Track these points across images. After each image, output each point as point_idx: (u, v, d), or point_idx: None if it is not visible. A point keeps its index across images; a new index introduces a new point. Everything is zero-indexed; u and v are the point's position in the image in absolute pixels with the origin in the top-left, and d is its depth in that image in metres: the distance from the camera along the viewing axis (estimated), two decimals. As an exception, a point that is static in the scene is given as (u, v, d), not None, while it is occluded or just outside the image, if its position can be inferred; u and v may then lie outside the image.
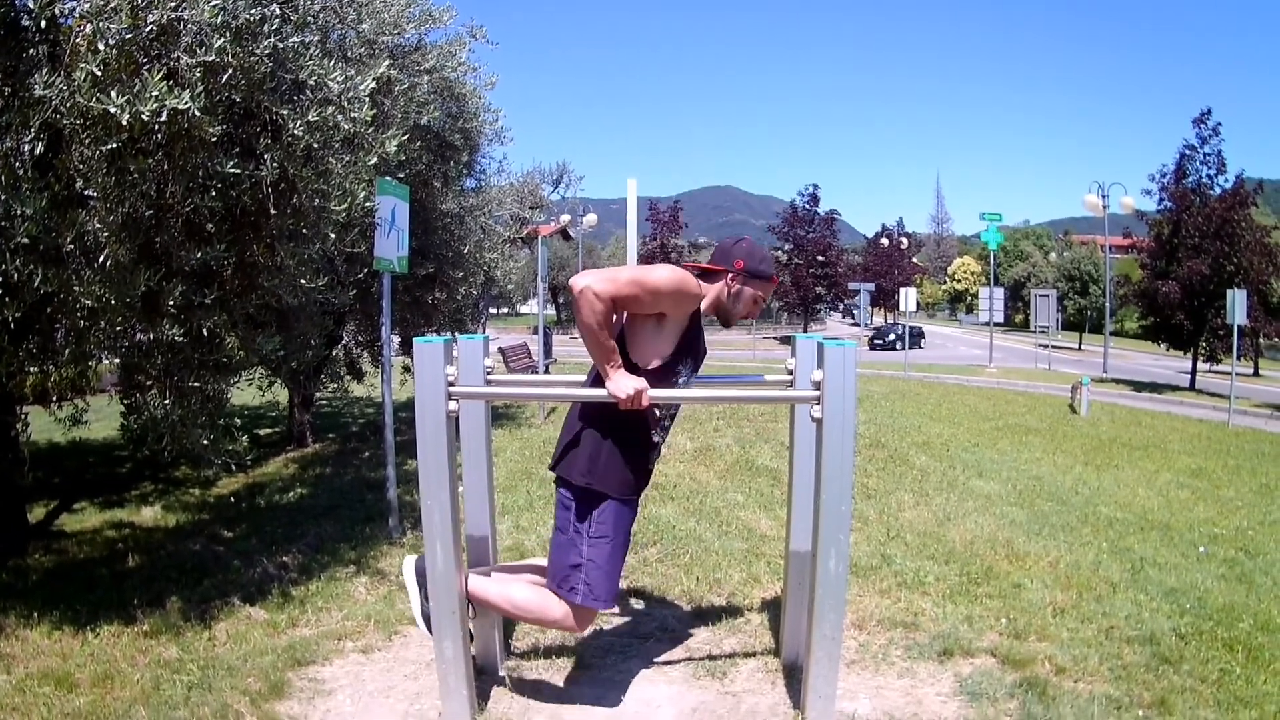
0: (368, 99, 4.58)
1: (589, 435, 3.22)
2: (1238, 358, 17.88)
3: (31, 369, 4.93)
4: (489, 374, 3.53)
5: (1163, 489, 8.23)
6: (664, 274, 3.03)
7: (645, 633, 4.20)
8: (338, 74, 4.36)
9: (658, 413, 3.26)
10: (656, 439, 3.33)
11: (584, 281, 2.91)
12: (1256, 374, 33.75)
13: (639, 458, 3.28)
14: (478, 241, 8.99)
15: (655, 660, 3.90)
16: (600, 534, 3.21)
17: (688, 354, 3.23)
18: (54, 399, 5.60)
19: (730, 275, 3.26)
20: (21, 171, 3.68)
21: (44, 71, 3.58)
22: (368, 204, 5.09)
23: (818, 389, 3.06)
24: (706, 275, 3.31)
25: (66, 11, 3.68)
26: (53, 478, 8.66)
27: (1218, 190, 23.96)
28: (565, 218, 36.23)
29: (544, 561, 3.47)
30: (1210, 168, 24.21)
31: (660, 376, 3.15)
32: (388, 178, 5.60)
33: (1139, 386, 24.80)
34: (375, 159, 4.86)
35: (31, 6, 3.56)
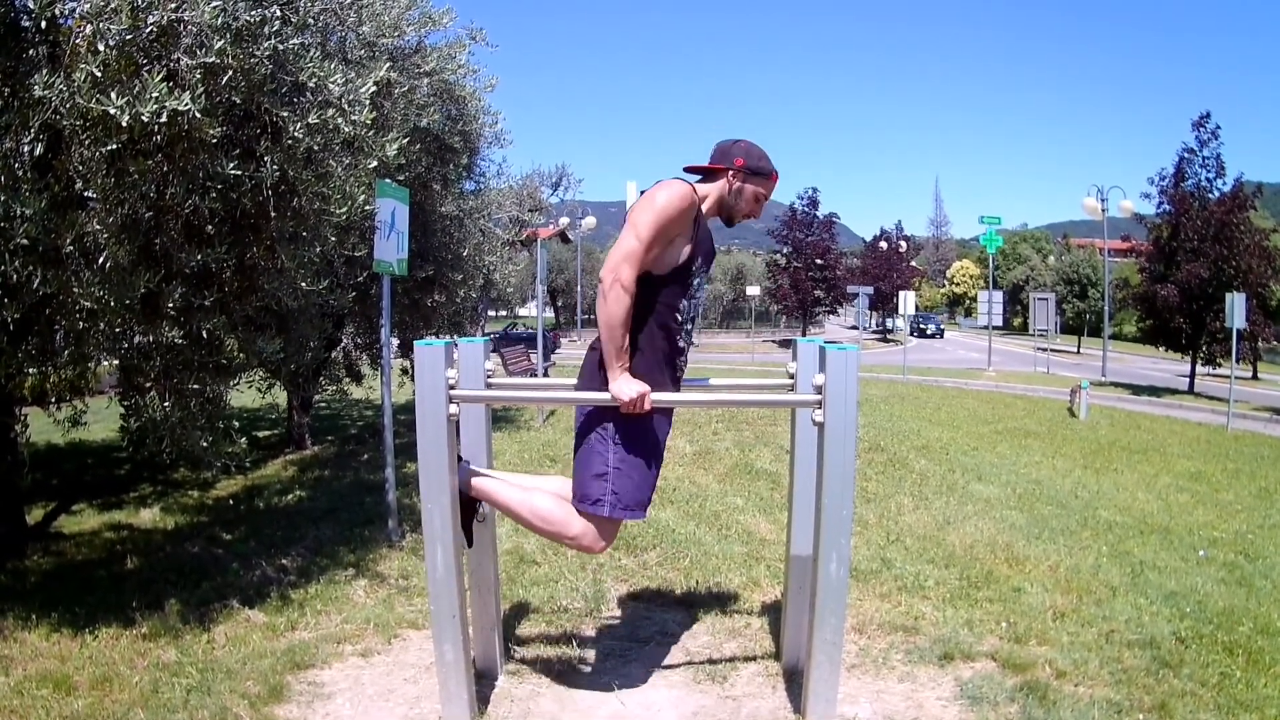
0: (368, 101, 4.58)
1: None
2: (1237, 361, 17.87)
3: (31, 370, 4.92)
4: (489, 377, 3.53)
5: (1162, 492, 8.23)
6: (665, 206, 3.04)
7: (645, 636, 4.20)
8: (338, 76, 4.36)
9: (679, 317, 3.24)
10: (682, 344, 3.30)
11: (613, 275, 2.95)
12: (1255, 377, 33.73)
13: (667, 361, 3.24)
14: (477, 244, 8.98)
15: (655, 664, 3.89)
16: (629, 437, 3.16)
17: (698, 254, 3.23)
18: (53, 400, 5.58)
19: (731, 173, 3.27)
20: (21, 172, 3.68)
21: (44, 72, 3.58)
22: (368, 207, 5.08)
23: (819, 393, 3.05)
24: (707, 175, 3.32)
25: (66, 12, 3.68)
26: (51, 479, 8.64)
27: (1217, 193, 23.90)
28: (564, 220, 36.30)
29: (558, 482, 3.44)
30: (1209, 171, 24.15)
31: (678, 278, 3.17)
32: (387, 180, 5.59)
33: (1138, 390, 24.78)
34: (375, 162, 4.86)
35: (31, 7, 3.55)
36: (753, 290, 45.24)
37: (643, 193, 3.17)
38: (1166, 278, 24.10)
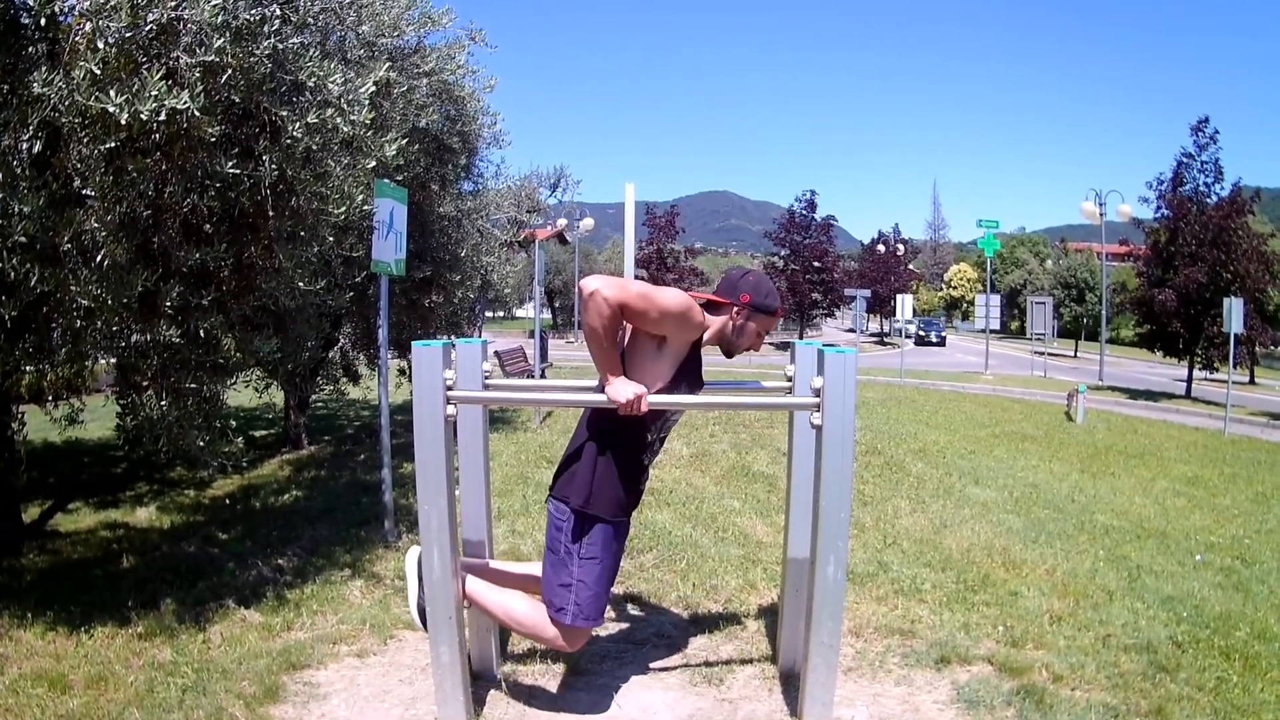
0: (367, 101, 4.57)
1: (588, 456, 3.24)
2: (1234, 366, 17.88)
3: (28, 368, 4.91)
4: (487, 378, 3.52)
5: (1159, 497, 8.24)
6: (673, 297, 3.05)
7: (641, 639, 4.19)
8: (337, 76, 4.35)
9: (648, 437, 3.30)
10: (647, 461, 3.37)
11: (595, 284, 2.92)
12: (1252, 382, 33.80)
13: (632, 479, 3.31)
14: (475, 245, 8.97)
15: (651, 666, 3.89)
16: (591, 555, 3.24)
17: (685, 381, 3.23)
18: (50, 398, 5.56)
19: (736, 309, 3.27)
20: (19, 170, 3.67)
21: (43, 69, 3.57)
22: (366, 207, 5.08)
23: (818, 396, 3.05)
24: (712, 307, 3.32)
25: (66, 9, 3.67)
26: (48, 477, 8.62)
27: (1215, 198, 23.95)
28: (562, 222, 36.25)
29: (538, 570, 3.47)
30: (1208, 175, 24.20)
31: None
32: (386, 180, 5.59)
33: (1135, 394, 24.81)
34: (374, 162, 4.85)
35: (31, 4, 3.54)
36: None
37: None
38: (1164, 282, 24.13)
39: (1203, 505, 8.03)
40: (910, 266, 69.14)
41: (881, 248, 62.63)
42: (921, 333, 52.52)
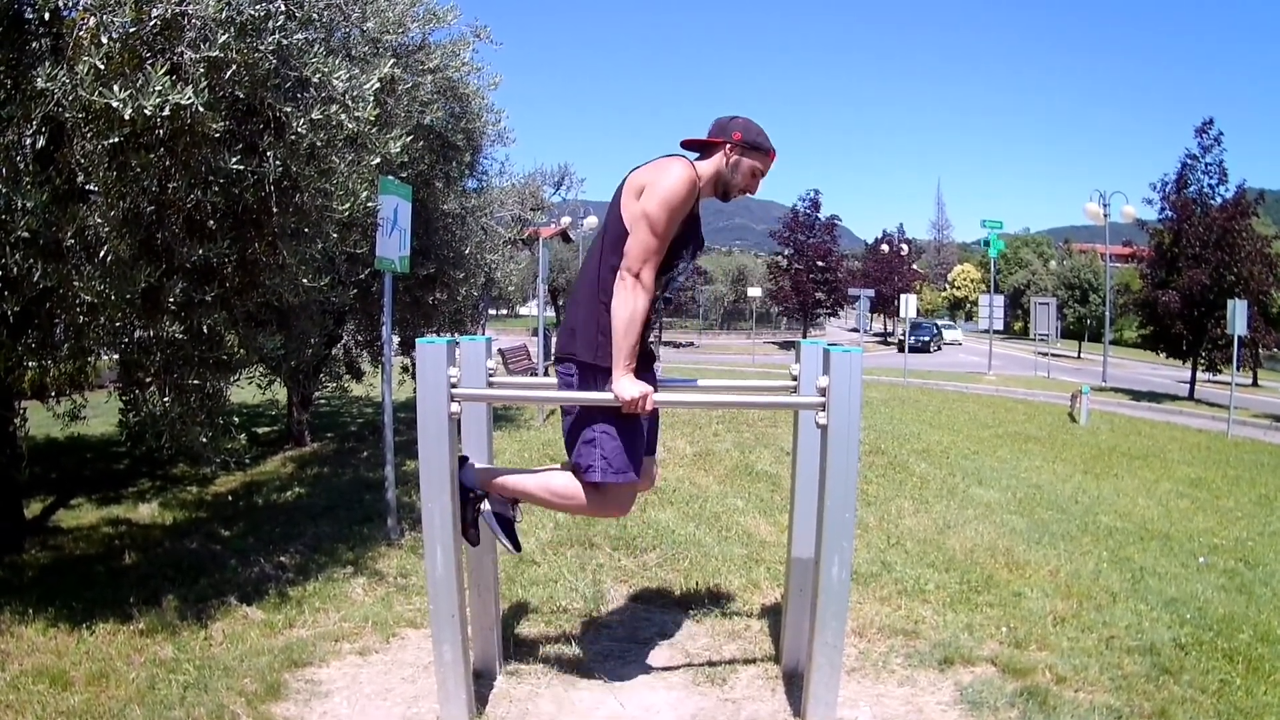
0: (371, 98, 4.57)
1: (589, 314, 3.19)
2: (1238, 368, 17.86)
3: (30, 364, 4.91)
4: (491, 376, 3.51)
5: (1162, 498, 8.23)
6: (677, 196, 3.06)
7: (644, 638, 4.18)
8: (342, 72, 4.34)
9: (655, 293, 3.25)
10: (653, 318, 3.30)
11: (636, 273, 2.99)
12: (1255, 384, 33.74)
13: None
14: (479, 242, 8.97)
15: (654, 666, 3.87)
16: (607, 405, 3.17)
17: (688, 237, 3.24)
18: (53, 394, 5.57)
19: (729, 146, 3.25)
20: (23, 165, 3.67)
21: (47, 64, 3.57)
22: (370, 203, 5.07)
23: (823, 395, 3.04)
24: (705, 150, 3.30)
25: (70, 4, 3.67)
26: (50, 473, 8.63)
27: (1219, 200, 23.92)
28: (566, 220, 36.22)
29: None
30: (1212, 177, 24.17)
31: (664, 265, 3.17)
32: (390, 177, 5.58)
33: (1138, 395, 24.78)
34: (378, 158, 4.85)
35: None
36: (754, 292, 45.21)
37: (635, 169, 3.19)
38: (1168, 284, 24.12)
39: (1206, 507, 8.01)
40: (914, 266, 69.09)
41: (885, 247, 62.56)
42: (914, 340, 48.04)
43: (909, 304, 30.79)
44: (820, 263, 48.33)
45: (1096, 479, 9.03)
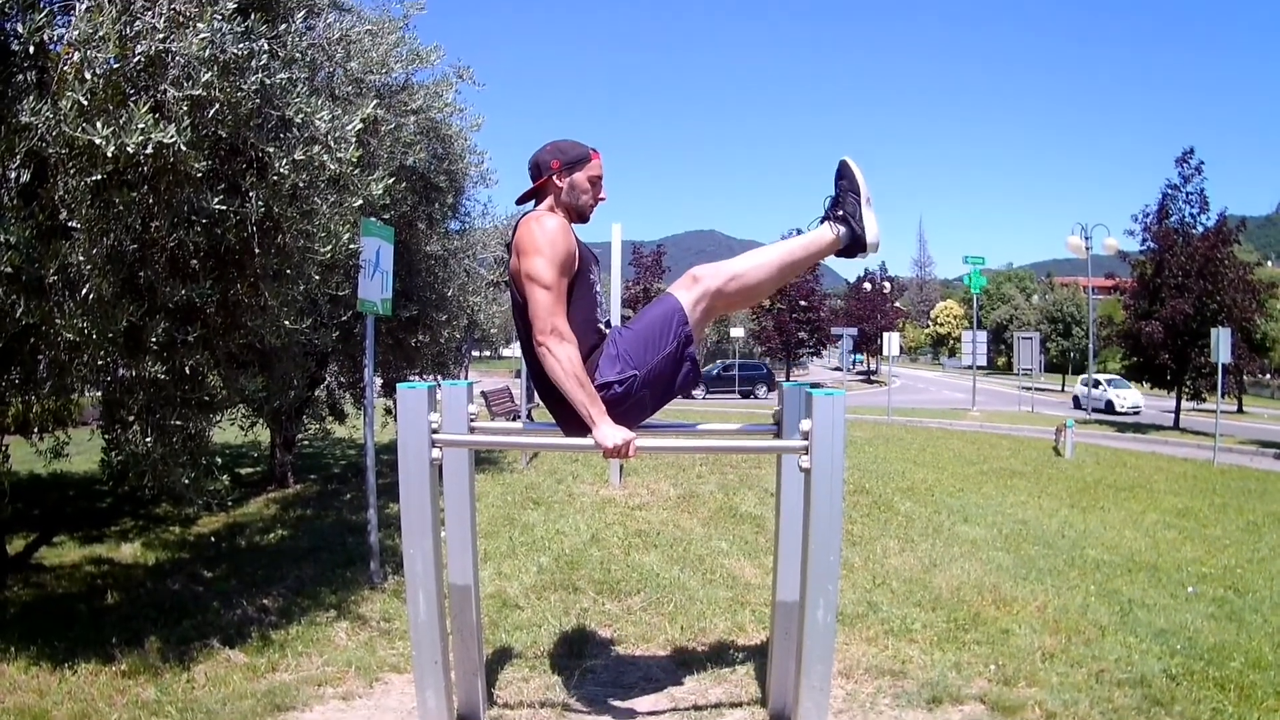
0: (354, 139, 4.57)
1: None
2: (1222, 395, 17.95)
3: (14, 399, 4.88)
4: (473, 420, 3.49)
5: (1149, 530, 8.23)
6: (554, 240, 3.09)
7: (629, 682, 4.13)
8: (325, 112, 4.35)
9: (597, 311, 3.33)
10: (603, 328, 3.36)
11: (548, 333, 3.01)
12: (1240, 410, 34.00)
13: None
14: (461, 284, 8.96)
15: (640, 711, 3.82)
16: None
17: (584, 264, 3.26)
18: (35, 430, 5.53)
19: (554, 176, 3.28)
20: (6, 199, 3.65)
21: (31, 98, 3.55)
22: (352, 245, 5.06)
23: (806, 439, 3.03)
24: (540, 194, 3.34)
25: (55, 38, 3.67)
26: (33, 510, 8.54)
27: (1201, 229, 24.21)
28: (550, 261, 36.23)
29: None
30: (1193, 206, 24.50)
31: (581, 281, 3.21)
32: (373, 219, 5.58)
33: (1123, 427, 24.90)
34: (361, 200, 4.85)
35: (21, 31, 3.53)
36: (737, 332, 45.40)
37: (508, 245, 3.27)
38: (1151, 314, 24.30)
39: (1194, 536, 8.02)
40: (897, 304, 69.49)
41: (868, 286, 63.03)
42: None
43: (892, 342, 30.98)
44: (803, 302, 48.59)
45: (1083, 512, 9.03)
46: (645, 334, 3.19)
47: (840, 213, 3.38)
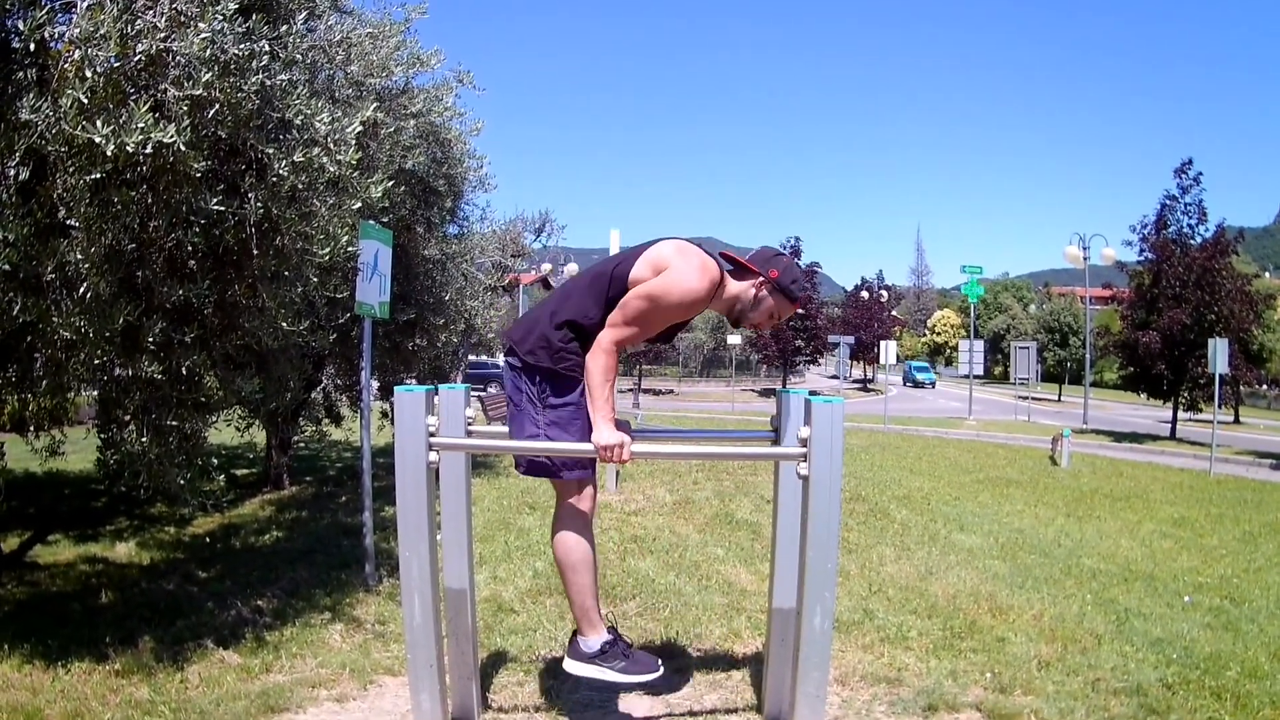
0: (354, 141, 4.57)
1: (554, 329, 3.21)
2: (1219, 406, 17.98)
3: (9, 397, 4.86)
4: (470, 424, 3.48)
5: (1146, 539, 8.23)
6: (685, 299, 3.11)
7: (625, 688, 4.11)
8: (325, 115, 4.35)
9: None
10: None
11: (610, 342, 3.09)
12: (1237, 421, 34.01)
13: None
14: (459, 288, 8.96)
15: (635, 716, 3.82)
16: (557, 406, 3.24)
17: (661, 335, 3.34)
18: (31, 428, 5.52)
19: (762, 280, 3.25)
20: (5, 196, 3.64)
21: (31, 96, 3.55)
22: (351, 248, 5.06)
23: (804, 446, 3.03)
24: (739, 271, 3.30)
25: (56, 35, 3.66)
26: (28, 508, 8.51)
27: (1199, 240, 24.25)
28: (546, 266, 36.23)
29: None
30: (1191, 217, 24.54)
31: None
32: (371, 222, 5.58)
33: (1119, 437, 24.91)
34: (360, 203, 4.84)
35: (22, 28, 3.52)
36: (734, 339, 45.37)
37: (672, 240, 3.22)
38: (1148, 324, 24.33)
39: (1190, 546, 8.03)
40: (894, 313, 69.55)
41: (865, 294, 63.07)
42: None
43: (889, 350, 31.00)
44: (800, 310, 48.60)
45: (1079, 522, 9.04)
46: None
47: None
